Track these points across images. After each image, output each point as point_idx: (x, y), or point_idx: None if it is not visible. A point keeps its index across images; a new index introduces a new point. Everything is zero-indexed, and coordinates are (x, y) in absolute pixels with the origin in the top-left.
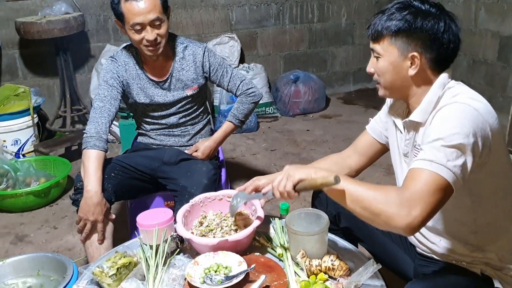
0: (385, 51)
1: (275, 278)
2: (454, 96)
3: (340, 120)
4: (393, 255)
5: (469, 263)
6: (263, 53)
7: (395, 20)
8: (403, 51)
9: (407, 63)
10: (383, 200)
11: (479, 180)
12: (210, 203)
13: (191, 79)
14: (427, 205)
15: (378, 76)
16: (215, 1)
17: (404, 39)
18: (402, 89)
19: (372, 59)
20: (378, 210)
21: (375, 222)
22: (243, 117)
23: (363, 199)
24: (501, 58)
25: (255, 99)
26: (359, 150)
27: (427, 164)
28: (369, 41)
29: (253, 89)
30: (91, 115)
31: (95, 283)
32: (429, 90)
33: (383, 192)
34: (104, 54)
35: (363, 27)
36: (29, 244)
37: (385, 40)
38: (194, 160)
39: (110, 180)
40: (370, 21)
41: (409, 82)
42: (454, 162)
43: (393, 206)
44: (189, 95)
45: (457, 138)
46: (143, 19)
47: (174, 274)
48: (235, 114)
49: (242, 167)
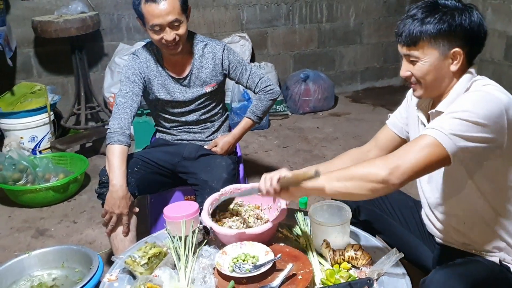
0: (425, 54)
1: (301, 267)
2: (481, 86)
3: (349, 118)
4: (412, 246)
5: (488, 252)
6: (273, 52)
7: (432, 23)
8: (444, 50)
9: (449, 60)
10: (368, 164)
11: (499, 169)
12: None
13: (210, 76)
14: (411, 156)
15: (418, 78)
16: (227, 1)
17: (444, 39)
18: (442, 86)
19: (407, 64)
20: (364, 173)
21: (364, 188)
22: (261, 114)
23: (348, 172)
24: (508, 58)
25: (273, 96)
26: (380, 144)
27: (427, 130)
28: (401, 47)
29: (271, 87)
30: (114, 111)
31: (127, 271)
32: (457, 84)
33: (369, 161)
34: (118, 52)
35: (371, 27)
36: (50, 238)
37: (424, 44)
38: (213, 155)
39: (133, 175)
40: (397, 27)
41: (450, 77)
42: (455, 131)
43: (379, 164)
44: (208, 92)
45: (466, 115)
46: (161, 21)
47: (204, 263)
48: (254, 110)
49: (255, 163)
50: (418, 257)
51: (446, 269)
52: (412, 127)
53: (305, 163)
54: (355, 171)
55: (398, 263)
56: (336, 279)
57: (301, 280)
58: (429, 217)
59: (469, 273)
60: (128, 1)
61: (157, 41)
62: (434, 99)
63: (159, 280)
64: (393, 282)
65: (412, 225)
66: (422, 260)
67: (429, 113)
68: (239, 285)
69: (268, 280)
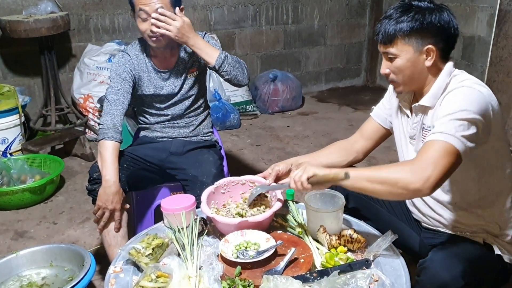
0: (401, 51)
1: (301, 251)
2: (460, 82)
3: (317, 117)
4: (399, 230)
5: (472, 233)
6: (241, 52)
7: (405, 22)
8: (417, 47)
9: (423, 56)
10: (397, 170)
11: (483, 154)
12: (233, 186)
13: (191, 62)
14: (438, 167)
15: (396, 75)
16: (195, 2)
17: (417, 36)
18: (419, 81)
19: (386, 62)
20: (395, 179)
21: (393, 193)
22: (230, 60)
23: (379, 175)
24: (465, 57)
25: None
26: (365, 135)
27: (438, 135)
28: (380, 45)
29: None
30: (106, 108)
31: (131, 263)
32: (438, 78)
33: (397, 165)
34: (87, 53)
35: (335, 29)
36: (30, 239)
37: (399, 41)
38: (200, 150)
39: (123, 171)
40: (376, 27)
41: (426, 73)
42: (461, 132)
43: (408, 172)
44: (190, 78)
45: (464, 114)
46: (148, 8)
47: (208, 251)
48: (227, 54)
49: (231, 162)
50: (405, 240)
51: (444, 251)
52: (396, 118)
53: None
54: (387, 176)
55: (391, 245)
56: (336, 261)
57: (304, 263)
58: (415, 204)
59: (463, 252)
60: (96, 2)
61: (143, 31)
62: (415, 93)
63: (168, 268)
64: (389, 262)
65: (398, 212)
66: (409, 243)
67: (413, 106)
68: (245, 270)
69: (272, 265)
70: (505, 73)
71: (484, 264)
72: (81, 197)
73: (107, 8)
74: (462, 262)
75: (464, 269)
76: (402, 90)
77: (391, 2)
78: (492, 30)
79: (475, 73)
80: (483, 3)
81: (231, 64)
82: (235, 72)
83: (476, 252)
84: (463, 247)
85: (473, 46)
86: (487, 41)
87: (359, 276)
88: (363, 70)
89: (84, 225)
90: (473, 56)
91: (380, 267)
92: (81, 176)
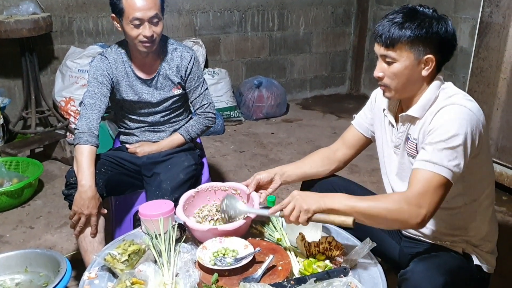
0: (401, 56)
1: (280, 259)
2: (450, 97)
3: (301, 124)
4: (378, 239)
5: (452, 243)
6: (226, 58)
7: (411, 28)
8: (418, 55)
9: (421, 65)
10: (395, 209)
11: (472, 168)
12: (216, 191)
13: (176, 79)
14: (432, 202)
15: (390, 80)
16: (180, 7)
17: (420, 44)
18: (412, 90)
19: (382, 65)
20: (393, 218)
21: (392, 227)
22: (194, 135)
23: (378, 215)
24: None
25: (210, 124)
26: (347, 143)
27: (430, 165)
28: (379, 47)
29: (213, 115)
30: (82, 112)
31: (106, 269)
32: (428, 88)
33: (392, 202)
34: (69, 56)
35: (320, 37)
36: (6, 244)
37: (402, 46)
38: (178, 153)
39: (100, 175)
40: (376, 29)
41: (420, 82)
42: (454, 161)
43: (405, 212)
44: (175, 95)
45: (457, 140)
46: (142, 15)
47: (185, 257)
48: (189, 130)
49: (213, 168)
50: (385, 249)
51: (425, 261)
52: (379, 127)
53: (262, 167)
54: (387, 215)
55: (370, 253)
56: (314, 269)
57: (281, 270)
58: None
59: (445, 263)
60: (79, 4)
61: (134, 37)
62: (402, 101)
63: (143, 275)
64: (366, 270)
65: None
66: (388, 252)
67: (399, 116)
68: (222, 278)
69: (249, 272)
70: (485, 84)
71: (465, 275)
72: (59, 201)
73: (91, 11)
74: (443, 274)
75: (446, 280)
76: (392, 96)
77: (376, 12)
78: (473, 41)
79: (457, 84)
80: (466, 14)
81: (197, 132)
82: (203, 132)
83: (456, 263)
84: (443, 258)
85: (456, 56)
86: (469, 52)
87: (336, 284)
88: (347, 78)
89: (61, 230)
90: (456, 66)
91: (358, 275)
92: (60, 180)
